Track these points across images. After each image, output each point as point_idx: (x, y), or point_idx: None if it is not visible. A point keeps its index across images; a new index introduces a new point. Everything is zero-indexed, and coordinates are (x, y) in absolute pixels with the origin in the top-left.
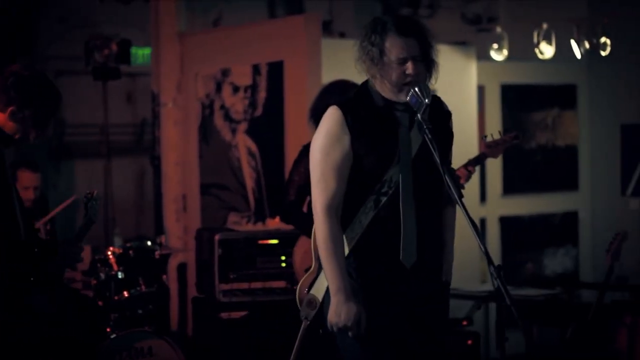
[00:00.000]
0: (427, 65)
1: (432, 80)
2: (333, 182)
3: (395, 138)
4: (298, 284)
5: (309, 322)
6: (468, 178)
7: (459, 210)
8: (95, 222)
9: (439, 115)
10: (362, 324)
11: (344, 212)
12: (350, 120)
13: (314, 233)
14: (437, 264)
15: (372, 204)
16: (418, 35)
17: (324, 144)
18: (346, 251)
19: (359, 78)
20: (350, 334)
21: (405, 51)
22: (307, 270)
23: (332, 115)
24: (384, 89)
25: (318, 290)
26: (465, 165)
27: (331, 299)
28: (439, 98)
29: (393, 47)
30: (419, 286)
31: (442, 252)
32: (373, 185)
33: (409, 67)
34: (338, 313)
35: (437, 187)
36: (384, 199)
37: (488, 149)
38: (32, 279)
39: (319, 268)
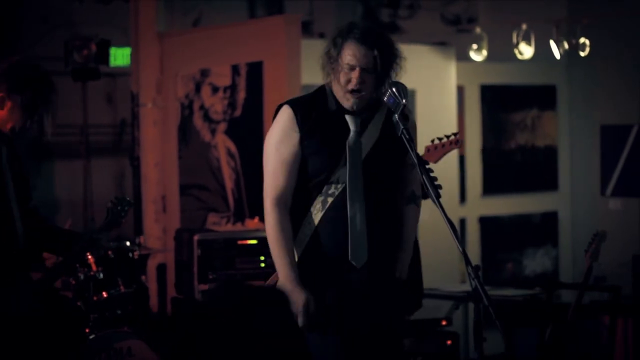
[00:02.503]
0: (378, 80)
1: (384, 97)
2: (282, 176)
3: (343, 141)
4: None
5: None
6: None
7: (437, 211)
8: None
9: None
10: (311, 310)
11: (295, 214)
12: (300, 119)
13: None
14: (391, 262)
15: (320, 205)
16: (378, 48)
17: (275, 139)
18: (299, 251)
19: None
20: (299, 321)
21: (356, 60)
22: None
23: (283, 113)
24: (337, 92)
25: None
26: None
27: (282, 280)
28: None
29: (347, 53)
30: (371, 285)
31: (398, 250)
32: (320, 187)
33: (354, 76)
34: (303, 300)
35: (391, 187)
36: (330, 199)
37: (426, 153)
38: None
39: None
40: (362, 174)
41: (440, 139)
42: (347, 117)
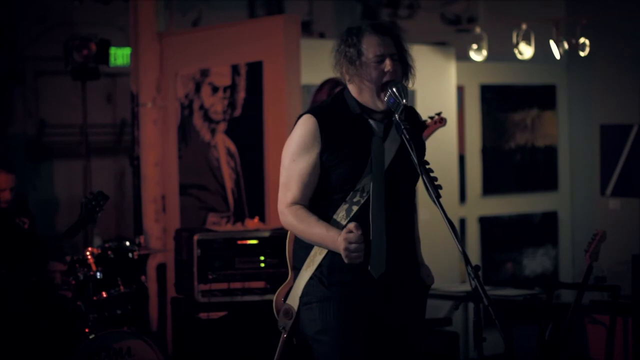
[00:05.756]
0: (402, 67)
1: (409, 84)
2: (295, 188)
3: (368, 147)
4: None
5: (286, 333)
6: None
7: (437, 211)
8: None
9: (414, 126)
10: (360, 243)
11: None
12: (325, 127)
13: (288, 241)
14: (410, 270)
15: (344, 213)
16: (393, 36)
17: (293, 150)
18: (319, 260)
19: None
20: (358, 247)
21: (382, 48)
22: None
23: (306, 123)
24: (363, 94)
25: (293, 300)
26: None
27: (331, 247)
28: (413, 109)
29: (370, 46)
30: (390, 295)
31: (416, 258)
32: (345, 195)
33: (387, 65)
34: (340, 247)
35: (410, 196)
36: (355, 208)
37: None
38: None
39: (294, 278)
40: (385, 181)
41: (424, 120)
42: (372, 122)
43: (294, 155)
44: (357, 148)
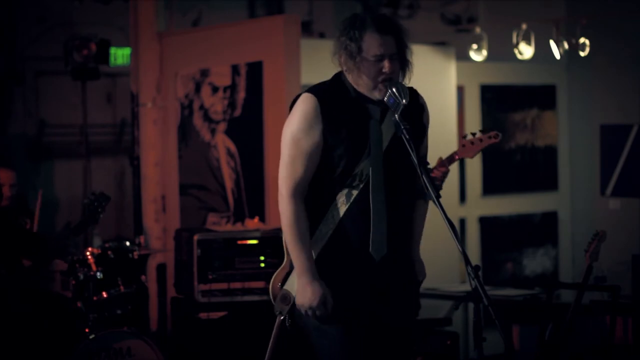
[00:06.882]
0: (401, 64)
1: (406, 81)
2: (300, 167)
3: (366, 131)
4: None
5: (282, 317)
6: (444, 178)
7: (437, 211)
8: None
9: (413, 108)
10: (328, 304)
11: (316, 207)
12: (325, 108)
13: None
14: (408, 256)
15: (344, 198)
16: (395, 34)
17: (296, 129)
18: (320, 245)
19: None
20: (317, 313)
21: (383, 49)
22: None
23: (307, 102)
24: (359, 84)
25: (292, 285)
26: (438, 166)
27: (297, 281)
28: (414, 90)
29: (371, 45)
30: (389, 279)
31: (413, 246)
32: (344, 179)
33: (385, 65)
34: (303, 294)
35: (409, 179)
36: (355, 192)
37: (461, 148)
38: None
39: (292, 262)
40: (383, 165)
41: (473, 134)
42: (369, 106)
43: (298, 134)
44: (355, 131)
